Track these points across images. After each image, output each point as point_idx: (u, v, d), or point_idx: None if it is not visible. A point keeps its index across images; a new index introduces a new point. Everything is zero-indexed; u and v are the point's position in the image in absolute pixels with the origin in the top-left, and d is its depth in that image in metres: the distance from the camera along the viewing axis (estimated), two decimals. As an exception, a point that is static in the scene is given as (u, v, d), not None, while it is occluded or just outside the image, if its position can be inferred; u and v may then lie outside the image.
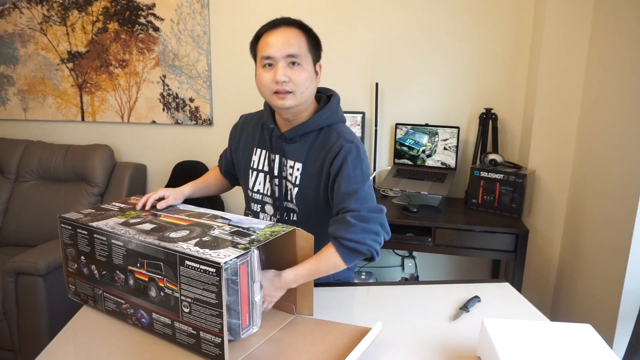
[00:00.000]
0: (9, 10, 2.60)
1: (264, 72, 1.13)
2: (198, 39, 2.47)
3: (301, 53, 1.12)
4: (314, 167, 1.18)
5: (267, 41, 1.12)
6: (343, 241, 1.05)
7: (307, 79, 1.12)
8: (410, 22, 2.28)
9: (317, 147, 1.18)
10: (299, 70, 1.12)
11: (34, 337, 1.90)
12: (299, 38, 1.13)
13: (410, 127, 2.30)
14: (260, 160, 1.27)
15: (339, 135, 1.17)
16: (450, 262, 2.50)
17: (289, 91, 1.11)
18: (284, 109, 1.14)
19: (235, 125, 1.37)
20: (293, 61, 1.11)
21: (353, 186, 1.10)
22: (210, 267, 0.82)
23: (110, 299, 1.03)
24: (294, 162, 1.20)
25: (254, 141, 1.29)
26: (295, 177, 1.20)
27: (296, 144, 1.20)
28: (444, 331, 1.05)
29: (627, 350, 1.38)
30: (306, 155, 1.19)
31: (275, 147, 1.23)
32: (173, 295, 0.89)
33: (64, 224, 1.08)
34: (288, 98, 1.12)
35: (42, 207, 2.36)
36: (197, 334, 0.88)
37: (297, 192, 1.20)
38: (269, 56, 1.11)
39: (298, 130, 1.18)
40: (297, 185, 1.20)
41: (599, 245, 1.80)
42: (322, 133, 1.19)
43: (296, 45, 1.11)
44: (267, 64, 1.12)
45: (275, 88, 1.11)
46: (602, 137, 1.83)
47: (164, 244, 0.90)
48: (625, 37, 1.69)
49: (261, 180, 1.27)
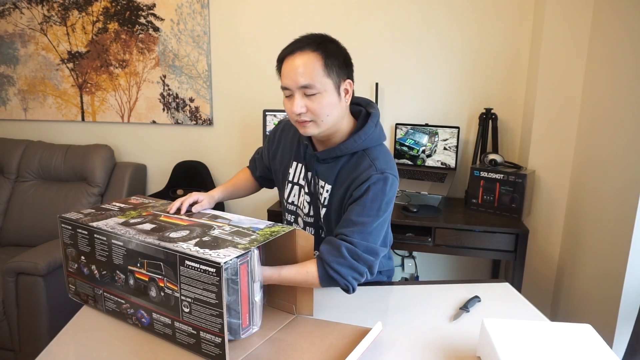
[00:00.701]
0: (9, 11, 2.60)
1: (286, 101, 1.11)
2: (198, 39, 2.47)
3: (315, 82, 1.05)
4: (340, 191, 1.16)
5: (284, 70, 1.08)
6: (327, 267, 1.04)
7: (326, 106, 1.07)
8: (410, 22, 2.28)
9: (347, 170, 1.15)
10: (317, 99, 1.06)
11: (34, 337, 1.90)
12: (313, 65, 1.05)
13: (410, 127, 2.30)
14: (296, 173, 1.25)
15: (371, 163, 1.12)
16: (450, 262, 2.50)
17: (309, 120, 1.08)
18: (307, 136, 1.15)
19: (273, 131, 1.34)
20: (307, 92, 1.06)
21: (363, 218, 1.07)
22: (210, 267, 0.82)
23: (110, 299, 1.03)
24: (325, 183, 1.19)
25: (291, 153, 1.27)
26: (325, 198, 1.19)
27: (328, 164, 1.18)
28: (444, 331, 1.05)
29: (627, 350, 1.38)
30: (335, 178, 1.17)
31: (309, 164, 1.22)
32: (173, 295, 0.89)
33: (64, 224, 1.08)
34: (309, 126, 1.09)
35: (42, 207, 2.36)
36: (197, 334, 0.88)
37: (324, 212, 1.20)
38: (286, 87, 1.08)
39: (331, 152, 1.15)
40: (325, 206, 1.19)
41: (599, 245, 1.80)
42: (355, 156, 1.15)
43: (309, 75, 1.05)
44: (287, 95, 1.10)
45: (296, 118, 1.09)
46: (602, 137, 1.83)
47: (164, 244, 0.90)
48: (625, 37, 1.69)
49: (296, 193, 1.26)
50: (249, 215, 1.13)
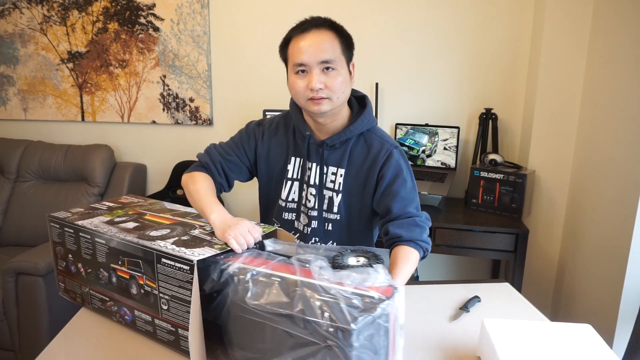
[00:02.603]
0: (9, 10, 2.60)
1: (298, 79, 1.10)
2: (198, 39, 2.47)
3: (335, 57, 1.08)
4: (360, 172, 1.17)
5: (299, 47, 1.08)
6: (420, 242, 1.10)
7: (342, 82, 1.10)
8: (410, 22, 2.28)
9: (359, 151, 1.18)
10: (334, 75, 1.08)
11: (34, 337, 1.90)
12: (332, 41, 1.09)
13: (410, 127, 2.30)
14: (294, 168, 1.23)
15: (381, 139, 1.18)
16: (450, 262, 2.50)
17: (325, 97, 1.09)
18: (320, 113, 1.12)
19: (258, 133, 1.27)
20: (327, 67, 1.07)
21: (412, 193, 1.15)
22: (184, 264, 0.83)
23: (96, 297, 1.04)
24: (336, 168, 1.19)
25: (288, 150, 1.24)
26: (339, 183, 1.19)
27: (337, 150, 1.19)
28: (444, 331, 1.05)
29: (627, 350, 1.38)
30: (348, 161, 1.18)
31: (314, 155, 1.20)
32: (152, 293, 0.90)
33: (53, 222, 1.09)
34: (324, 103, 1.09)
35: (42, 207, 2.36)
36: (175, 331, 0.89)
37: (340, 199, 1.19)
38: (302, 63, 1.08)
39: (341, 136, 1.16)
40: (339, 192, 1.19)
41: (599, 245, 1.80)
42: (362, 138, 1.19)
43: (330, 50, 1.07)
44: (300, 71, 1.09)
45: (311, 95, 1.08)
46: (602, 137, 1.83)
47: (142, 241, 0.91)
48: (625, 37, 1.69)
49: (296, 190, 1.24)
50: (247, 216, 1.12)
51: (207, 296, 0.86)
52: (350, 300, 0.72)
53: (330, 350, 0.70)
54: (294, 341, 0.73)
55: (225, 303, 0.83)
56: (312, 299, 0.73)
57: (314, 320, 0.71)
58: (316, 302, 0.73)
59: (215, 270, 0.85)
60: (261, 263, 0.85)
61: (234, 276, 0.82)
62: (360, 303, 0.71)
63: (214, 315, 0.86)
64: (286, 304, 0.75)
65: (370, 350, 0.71)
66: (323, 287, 0.75)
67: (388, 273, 0.80)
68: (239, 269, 0.83)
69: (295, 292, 0.75)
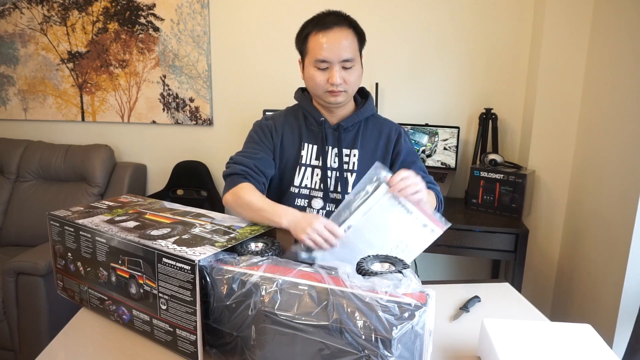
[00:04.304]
0: (9, 11, 2.60)
1: (318, 73, 1.18)
2: (198, 39, 2.47)
3: (354, 55, 1.17)
4: (375, 151, 1.28)
5: (322, 43, 1.15)
6: (439, 194, 1.26)
7: (358, 77, 1.20)
8: (410, 22, 2.28)
9: (370, 133, 1.29)
10: (352, 71, 1.18)
11: (34, 337, 1.90)
12: (352, 40, 1.18)
13: (410, 127, 2.30)
14: (310, 154, 1.29)
15: (388, 121, 1.33)
16: (450, 262, 2.50)
17: (342, 90, 1.18)
18: (336, 104, 1.22)
19: (270, 125, 1.30)
20: (347, 64, 1.16)
21: (421, 163, 1.31)
22: (186, 264, 0.83)
23: (94, 296, 1.04)
24: (350, 149, 1.28)
25: (300, 137, 1.30)
26: (353, 163, 1.27)
27: (349, 132, 1.28)
28: (444, 331, 1.05)
29: (627, 350, 1.38)
30: (360, 142, 1.28)
31: (332, 139, 1.28)
32: (152, 292, 0.90)
33: (53, 221, 1.09)
34: (341, 95, 1.19)
35: (42, 207, 2.36)
36: (173, 331, 0.89)
37: (355, 178, 1.27)
38: (325, 60, 1.15)
39: (354, 118, 1.27)
40: (354, 172, 1.27)
41: (599, 245, 1.80)
42: (369, 121, 1.31)
43: (350, 49, 1.16)
44: (322, 67, 1.17)
45: (330, 88, 1.18)
46: (602, 137, 1.83)
47: (143, 241, 0.91)
48: (625, 37, 1.69)
49: (309, 175, 1.29)
50: None
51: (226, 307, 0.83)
52: (387, 308, 0.70)
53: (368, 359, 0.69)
54: (329, 352, 0.72)
55: (248, 314, 0.80)
56: (348, 307, 0.72)
57: (351, 330, 0.69)
58: (352, 310, 0.71)
59: (235, 281, 0.82)
60: (285, 272, 0.83)
61: (258, 285, 0.79)
62: (397, 310, 0.70)
63: (234, 327, 0.83)
64: (320, 314, 0.73)
65: (406, 358, 0.70)
66: (357, 295, 0.73)
67: (418, 279, 0.80)
68: (262, 278, 0.80)
69: (327, 301, 0.73)
